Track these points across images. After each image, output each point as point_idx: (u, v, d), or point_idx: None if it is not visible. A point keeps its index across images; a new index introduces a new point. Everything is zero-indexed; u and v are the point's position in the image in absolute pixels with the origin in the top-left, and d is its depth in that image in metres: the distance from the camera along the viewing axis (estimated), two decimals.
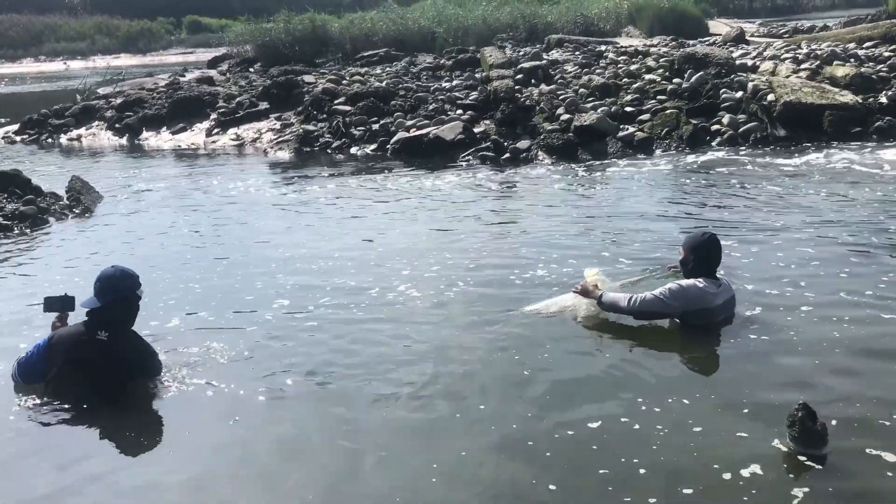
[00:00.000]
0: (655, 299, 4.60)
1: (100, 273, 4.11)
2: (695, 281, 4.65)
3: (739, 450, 3.36)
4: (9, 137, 16.01)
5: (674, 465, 3.26)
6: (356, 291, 5.56)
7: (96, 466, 3.53)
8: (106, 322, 4.01)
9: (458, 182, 9.51)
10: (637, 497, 3.05)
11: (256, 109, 14.69)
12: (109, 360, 3.95)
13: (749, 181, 8.70)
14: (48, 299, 4.39)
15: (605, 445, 3.43)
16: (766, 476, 3.15)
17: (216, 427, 3.83)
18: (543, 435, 3.53)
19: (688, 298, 4.59)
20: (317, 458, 3.52)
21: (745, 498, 3.02)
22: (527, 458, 3.36)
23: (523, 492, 3.15)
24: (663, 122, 11.30)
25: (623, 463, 3.28)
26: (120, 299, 4.06)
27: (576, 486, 3.14)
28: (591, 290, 4.81)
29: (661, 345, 4.52)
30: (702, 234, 4.85)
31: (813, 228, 6.62)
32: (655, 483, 3.14)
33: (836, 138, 10.54)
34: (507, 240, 6.75)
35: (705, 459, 3.29)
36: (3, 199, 8.63)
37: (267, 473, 3.41)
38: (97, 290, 4.04)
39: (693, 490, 3.07)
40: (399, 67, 17.07)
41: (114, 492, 3.33)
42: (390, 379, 4.19)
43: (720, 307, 4.67)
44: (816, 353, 4.27)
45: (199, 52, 43.63)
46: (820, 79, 11.99)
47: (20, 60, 47.98)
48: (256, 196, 9.34)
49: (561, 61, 15.09)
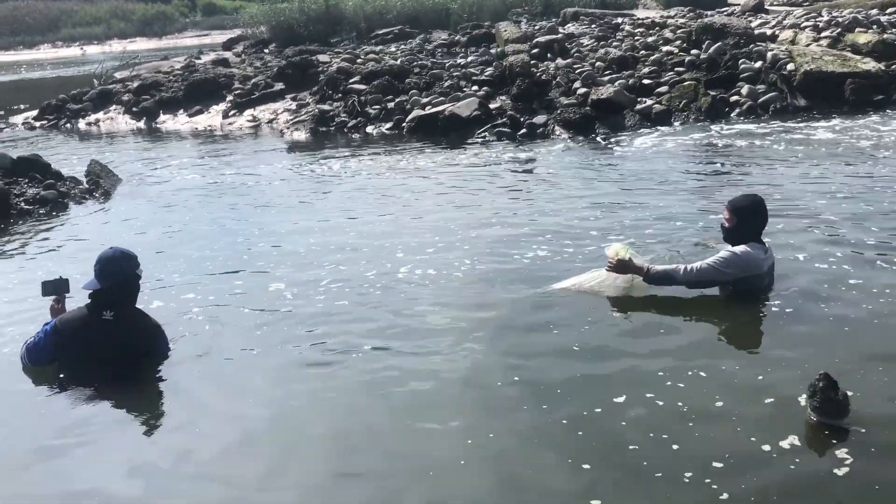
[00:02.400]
0: (710, 268, 4.56)
1: (99, 255, 4.15)
2: (745, 247, 4.59)
3: (761, 420, 3.34)
4: (28, 123, 16.13)
5: (698, 438, 3.24)
6: (374, 269, 5.55)
7: (103, 447, 3.54)
8: (109, 303, 4.06)
9: (475, 159, 9.47)
10: (669, 470, 3.04)
11: (272, 90, 14.69)
12: (116, 338, 4.00)
13: (770, 153, 8.59)
14: (45, 283, 4.42)
15: (635, 423, 3.39)
16: (786, 446, 3.14)
17: (226, 405, 3.83)
18: (571, 414, 3.50)
19: (741, 265, 4.56)
20: (333, 436, 3.51)
21: (767, 468, 3.01)
22: (553, 439, 3.33)
23: (551, 473, 3.12)
24: (681, 95, 11.18)
25: (652, 438, 3.26)
26: (120, 280, 4.09)
27: (609, 464, 3.11)
28: (629, 266, 4.67)
29: (682, 318, 4.48)
30: (749, 197, 4.80)
31: (837, 199, 6.53)
32: (685, 455, 3.12)
33: (858, 107, 10.39)
34: (526, 216, 6.72)
35: (727, 431, 3.28)
36: (23, 184, 8.70)
37: (278, 452, 3.41)
38: (97, 272, 4.08)
39: (720, 463, 3.06)
40: (413, 45, 16.98)
41: (122, 473, 3.34)
42: (411, 357, 4.18)
43: (767, 272, 4.68)
44: (840, 323, 4.23)
45: (213, 34, 43.66)
46: (841, 46, 11.78)
47: (38, 46, 48.24)
48: (274, 177, 9.36)
49: (577, 35, 14.93)
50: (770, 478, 2.96)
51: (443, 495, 3.03)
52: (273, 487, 3.16)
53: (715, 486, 2.92)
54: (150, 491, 3.19)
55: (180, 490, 3.20)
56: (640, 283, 4.73)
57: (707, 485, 2.94)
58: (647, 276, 4.67)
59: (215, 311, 5.03)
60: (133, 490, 3.20)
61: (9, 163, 8.98)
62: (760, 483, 2.93)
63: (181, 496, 3.16)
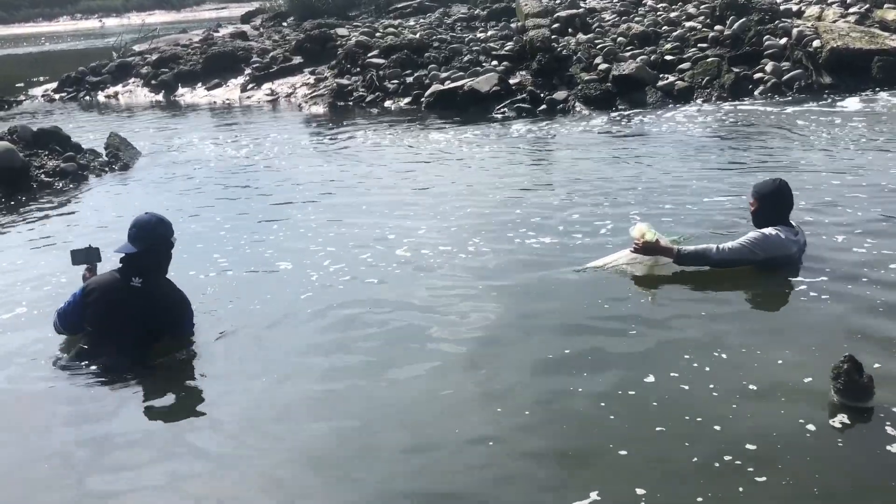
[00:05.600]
0: (741, 248, 4.57)
1: (135, 220, 4.07)
2: (775, 230, 4.60)
3: (782, 402, 3.30)
4: (48, 95, 16.20)
5: (725, 419, 3.20)
6: (396, 247, 5.52)
7: (121, 428, 3.52)
8: (141, 269, 3.98)
9: (495, 135, 9.40)
10: (691, 451, 3.01)
11: (290, 64, 14.64)
12: (141, 307, 3.93)
13: (794, 131, 8.46)
14: (74, 252, 4.39)
15: (662, 404, 3.35)
16: (810, 428, 3.10)
17: (248, 385, 3.81)
18: (589, 394, 3.47)
19: (771, 247, 4.58)
20: (358, 418, 3.48)
21: (786, 449, 2.98)
22: (572, 422, 3.31)
23: (570, 454, 3.11)
24: (704, 71, 11.02)
25: (677, 418, 3.22)
26: (155, 246, 4.03)
27: (635, 448, 3.07)
28: (657, 247, 4.64)
29: (707, 297, 4.42)
30: (771, 182, 4.77)
31: (864, 180, 6.41)
32: (708, 436, 3.10)
33: (886, 85, 10.20)
34: (548, 195, 6.66)
35: (747, 411, 3.25)
36: (44, 156, 8.74)
37: (300, 435, 3.41)
38: (132, 235, 4.00)
39: (735, 443, 3.03)
40: (433, 19, 16.83)
41: (143, 457, 3.33)
42: (433, 338, 4.14)
43: (796, 254, 4.68)
44: (867, 304, 4.15)
45: (231, 6, 43.56)
46: (869, 23, 11.55)
47: (57, 19, 48.34)
48: (293, 151, 9.34)
49: (598, 9, 14.72)
50: (792, 459, 2.92)
51: (466, 477, 3.03)
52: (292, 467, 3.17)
53: (732, 467, 2.89)
54: (174, 479, 3.19)
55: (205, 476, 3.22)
56: (664, 259, 4.69)
57: (726, 465, 2.91)
58: (677, 258, 4.63)
59: (234, 285, 5.03)
60: (152, 479, 3.22)
61: (30, 135, 9.02)
62: (783, 465, 2.89)
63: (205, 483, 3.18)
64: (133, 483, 3.08)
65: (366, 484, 2.97)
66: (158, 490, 3.02)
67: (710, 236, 5.23)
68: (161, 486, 3.05)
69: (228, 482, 3.06)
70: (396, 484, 2.97)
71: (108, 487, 3.08)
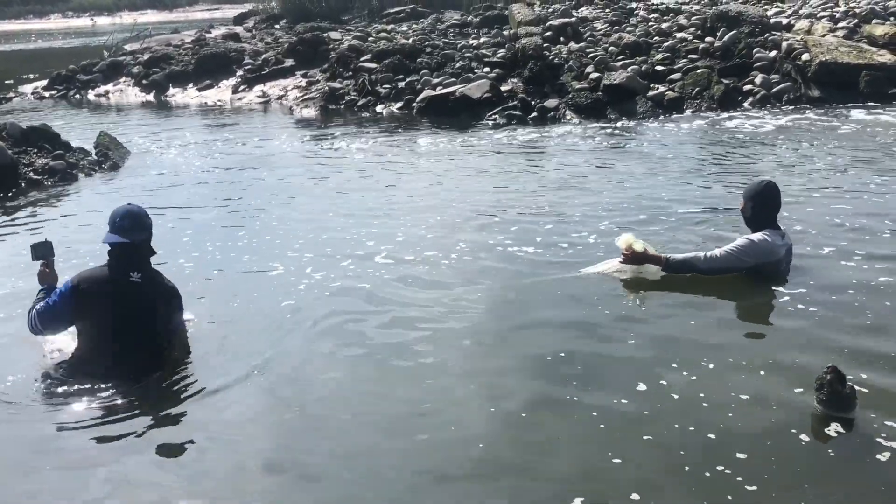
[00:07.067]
0: (729, 255, 4.62)
1: (124, 210, 3.89)
2: (763, 235, 4.66)
3: (767, 412, 3.33)
4: (38, 93, 16.11)
5: (704, 428, 3.22)
6: (384, 251, 5.52)
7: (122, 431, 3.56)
8: (135, 262, 3.84)
9: (485, 141, 9.43)
10: (673, 459, 3.04)
11: (282, 66, 14.64)
12: (142, 302, 3.82)
13: (782, 142, 8.53)
14: (35, 246, 4.14)
15: (652, 413, 3.37)
16: (792, 438, 3.13)
17: (243, 384, 3.83)
18: (578, 405, 3.48)
19: (758, 252, 4.63)
20: (363, 413, 3.51)
21: (771, 460, 3.00)
22: (562, 432, 3.32)
23: (559, 464, 3.13)
24: (694, 82, 11.09)
25: (667, 427, 3.25)
26: (147, 236, 3.91)
27: (624, 456, 3.09)
28: (645, 256, 4.70)
29: (695, 305, 4.46)
30: (760, 182, 4.84)
31: (850, 191, 6.48)
32: (691, 446, 3.12)
33: (873, 99, 10.30)
34: (537, 202, 6.68)
35: (733, 421, 3.27)
36: (33, 154, 8.70)
37: (303, 428, 3.44)
38: (126, 227, 3.82)
39: (723, 452, 3.05)
40: (426, 24, 16.88)
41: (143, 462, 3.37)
42: (428, 341, 4.17)
43: (784, 257, 4.73)
44: (851, 315, 4.19)
45: (224, 8, 43.46)
46: (858, 38, 11.67)
47: (48, 16, 48.10)
48: (283, 153, 9.33)
49: (590, 19, 14.83)
50: (780, 470, 2.95)
51: (458, 484, 3.04)
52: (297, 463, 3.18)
53: (723, 476, 2.92)
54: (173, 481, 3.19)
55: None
56: (653, 267, 4.74)
57: (718, 474, 2.93)
58: (666, 266, 4.69)
59: (224, 284, 5.03)
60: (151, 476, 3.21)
61: (18, 132, 8.97)
62: (769, 475, 2.92)
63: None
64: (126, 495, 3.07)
65: (355, 490, 2.98)
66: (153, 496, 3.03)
67: (697, 244, 5.27)
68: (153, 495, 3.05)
69: (217, 493, 3.06)
70: (388, 488, 2.98)
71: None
